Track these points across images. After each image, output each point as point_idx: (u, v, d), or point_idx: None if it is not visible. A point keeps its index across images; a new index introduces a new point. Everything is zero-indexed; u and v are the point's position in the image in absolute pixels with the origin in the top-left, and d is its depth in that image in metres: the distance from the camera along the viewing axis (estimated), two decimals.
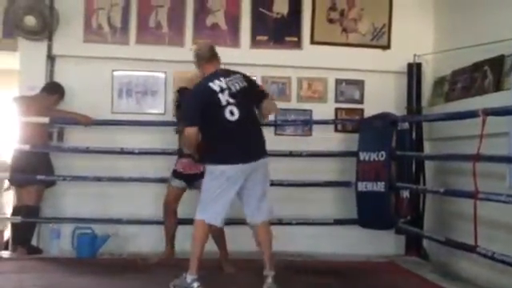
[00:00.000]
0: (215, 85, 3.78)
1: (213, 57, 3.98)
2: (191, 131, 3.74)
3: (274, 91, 5.62)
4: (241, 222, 4.04)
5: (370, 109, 5.56)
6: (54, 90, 5.23)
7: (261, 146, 3.90)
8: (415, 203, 5.23)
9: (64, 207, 5.36)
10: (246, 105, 3.82)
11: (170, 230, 4.68)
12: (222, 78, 3.82)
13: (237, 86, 3.82)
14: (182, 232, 4.68)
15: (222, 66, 4.04)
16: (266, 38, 5.64)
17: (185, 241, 4.32)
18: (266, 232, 3.89)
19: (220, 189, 3.72)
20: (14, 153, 5.09)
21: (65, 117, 5.20)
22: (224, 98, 3.75)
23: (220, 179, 3.71)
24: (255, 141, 3.86)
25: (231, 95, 3.77)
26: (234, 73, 3.94)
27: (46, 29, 5.28)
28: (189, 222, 4.05)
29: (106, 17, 5.49)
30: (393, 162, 5.09)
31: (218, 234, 4.34)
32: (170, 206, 4.64)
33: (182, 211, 4.72)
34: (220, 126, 3.77)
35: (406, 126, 5.16)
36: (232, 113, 3.74)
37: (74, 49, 5.41)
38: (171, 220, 4.66)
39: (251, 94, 3.89)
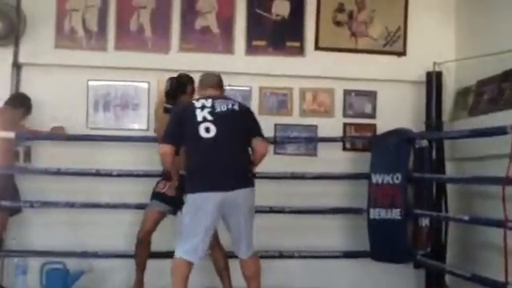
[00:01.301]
0: (199, 102, 3.95)
1: (212, 84, 4.17)
2: (164, 149, 3.90)
3: (273, 104, 5.69)
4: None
5: (384, 124, 5.60)
6: (19, 102, 5.23)
7: (241, 174, 3.92)
8: (436, 233, 5.23)
9: (31, 238, 5.34)
10: (228, 125, 3.89)
11: (143, 261, 4.66)
12: (210, 100, 3.97)
13: (223, 106, 3.94)
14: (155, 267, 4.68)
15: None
16: (263, 43, 5.68)
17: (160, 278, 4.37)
18: (253, 264, 4.00)
19: (194, 221, 3.80)
20: None
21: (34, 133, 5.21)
22: (201, 114, 3.88)
23: (192, 209, 3.82)
24: (234, 166, 3.89)
25: (211, 113, 3.88)
26: (230, 99, 4.11)
27: (11, 33, 5.31)
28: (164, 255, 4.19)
29: (81, 19, 5.52)
30: (410, 185, 5.09)
31: (221, 268, 4.37)
32: (147, 234, 4.61)
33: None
34: (194, 144, 3.88)
35: (424, 143, 5.17)
36: (207, 130, 3.84)
37: (44, 56, 5.44)
38: (145, 251, 4.64)
39: (240, 120, 3.97)
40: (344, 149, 5.75)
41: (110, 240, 5.25)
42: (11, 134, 5.05)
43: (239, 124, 3.96)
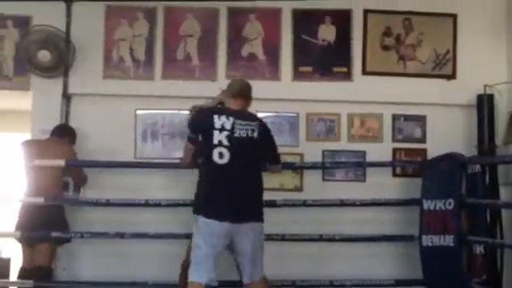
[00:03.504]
0: (220, 120, 4.04)
1: (240, 94, 4.25)
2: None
3: (320, 130, 5.87)
4: None
5: (434, 149, 5.71)
6: (64, 133, 5.50)
7: (251, 207, 4.02)
8: (491, 260, 5.31)
9: (81, 269, 5.61)
10: (243, 154, 3.99)
11: None
12: (231, 119, 4.05)
13: (243, 132, 4.03)
14: None
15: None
16: (310, 69, 5.89)
17: None
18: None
19: (206, 244, 3.94)
20: (23, 206, 5.29)
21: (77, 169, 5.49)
22: (218, 137, 3.99)
23: (203, 232, 3.95)
24: (244, 198, 3.98)
25: (228, 137, 3.98)
26: (252, 119, 4.15)
27: (61, 64, 5.65)
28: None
29: (128, 49, 5.84)
30: (463, 211, 5.15)
31: None
32: None
33: None
34: (206, 166, 4.05)
35: (477, 168, 5.24)
36: (221, 155, 3.96)
37: (93, 86, 5.77)
38: None
39: (257, 149, 4.08)
40: (394, 174, 5.88)
41: (159, 270, 5.44)
42: (61, 162, 5.27)
43: (255, 153, 4.06)
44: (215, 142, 3.96)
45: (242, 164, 3.97)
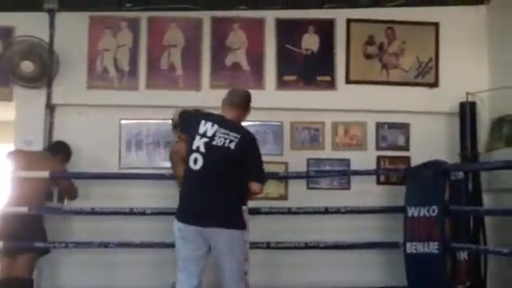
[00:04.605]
0: (204, 126, 4.03)
1: (230, 103, 4.19)
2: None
3: (305, 138, 5.93)
4: None
5: (418, 156, 5.77)
6: (56, 150, 5.51)
7: (222, 214, 3.95)
8: (475, 267, 5.35)
9: (65, 279, 5.61)
10: (217, 163, 3.96)
11: None
12: (215, 126, 4.02)
13: (221, 141, 3.97)
14: None
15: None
16: (294, 78, 5.96)
17: None
18: None
19: (181, 249, 3.98)
20: (4, 216, 5.24)
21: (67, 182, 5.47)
22: (197, 142, 3.99)
23: (178, 236, 3.99)
24: (213, 204, 3.93)
25: (206, 144, 3.97)
26: (236, 130, 4.05)
27: (44, 75, 5.66)
28: None
29: (112, 59, 5.88)
30: (447, 218, 5.19)
31: None
32: None
33: None
34: (185, 171, 4.09)
35: (460, 175, 5.27)
36: (195, 161, 3.97)
37: (77, 96, 5.79)
38: None
39: (232, 161, 3.98)
40: (378, 182, 5.94)
41: (144, 279, 5.49)
42: (45, 173, 5.24)
43: (230, 164, 3.98)
44: (194, 147, 3.99)
45: (213, 172, 3.96)
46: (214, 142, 3.96)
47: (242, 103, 4.23)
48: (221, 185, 3.96)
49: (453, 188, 5.26)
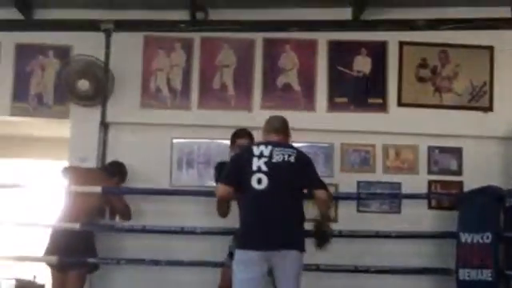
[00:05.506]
0: (258, 149, 4.06)
1: (276, 130, 4.24)
2: (219, 188, 4.10)
3: (355, 161, 5.91)
4: None
5: (471, 181, 5.70)
6: (113, 171, 5.59)
7: (291, 234, 3.95)
8: None
9: None
10: (282, 178, 3.97)
11: None
12: (269, 147, 4.06)
13: (280, 157, 4.01)
14: None
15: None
16: (345, 100, 5.96)
17: None
18: None
19: (241, 274, 3.89)
20: (54, 231, 5.34)
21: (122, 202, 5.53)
22: (257, 163, 3.98)
23: (241, 265, 3.91)
24: (284, 224, 3.92)
25: (267, 163, 3.97)
26: (290, 147, 4.14)
27: (99, 93, 5.80)
28: None
29: (165, 79, 5.98)
30: (501, 245, 5.13)
31: None
32: None
33: None
34: (246, 194, 4.00)
35: None
36: (259, 181, 3.94)
37: (130, 115, 5.91)
38: None
39: (295, 174, 4.02)
40: (430, 207, 5.87)
41: None
42: (98, 189, 5.31)
43: (293, 177, 4.01)
44: (254, 168, 3.97)
45: (279, 189, 3.95)
46: (274, 160, 3.98)
47: (285, 128, 4.29)
48: (288, 204, 3.97)
49: (507, 214, 5.19)
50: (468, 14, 5.84)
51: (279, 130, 4.24)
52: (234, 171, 4.10)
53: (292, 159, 4.01)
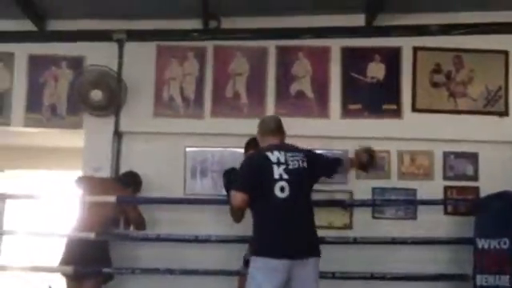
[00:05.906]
0: (273, 155, 4.07)
1: (278, 130, 4.31)
2: (237, 196, 4.01)
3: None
4: None
5: (487, 187, 5.66)
6: (127, 181, 5.62)
7: (312, 241, 4.03)
8: None
9: None
10: (300, 187, 4.03)
11: None
12: (282, 152, 4.10)
13: (295, 164, 4.06)
14: None
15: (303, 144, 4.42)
16: (359, 106, 5.94)
17: None
18: None
19: (262, 284, 3.86)
20: (69, 241, 5.35)
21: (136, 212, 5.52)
22: (278, 171, 4.00)
23: (262, 272, 3.89)
24: (306, 232, 4.00)
25: (286, 170, 4.01)
26: (298, 150, 4.21)
27: (113, 103, 5.82)
28: None
29: (179, 88, 5.99)
30: None
31: None
32: None
33: None
34: (268, 202, 3.99)
35: None
36: (282, 189, 3.96)
37: (144, 124, 5.93)
38: None
39: (309, 178, 4.12)
40: (446, 212, 5.83)
41: None
42: (112, 198, 5.30)
43: (308, 183, 4.12)
44: (276, 176, 3.98)
45: (299, 197, 4.00)
46: (291, 167, 4.01)
47: (282, 128, 4.34)
48: (307, 210, 4.05)
49: None
50: (481, 18, 5.79)
51: (279, 131, 4.31)
52: (251, 179, 4.05)
53: (305, 164, 4.08)
